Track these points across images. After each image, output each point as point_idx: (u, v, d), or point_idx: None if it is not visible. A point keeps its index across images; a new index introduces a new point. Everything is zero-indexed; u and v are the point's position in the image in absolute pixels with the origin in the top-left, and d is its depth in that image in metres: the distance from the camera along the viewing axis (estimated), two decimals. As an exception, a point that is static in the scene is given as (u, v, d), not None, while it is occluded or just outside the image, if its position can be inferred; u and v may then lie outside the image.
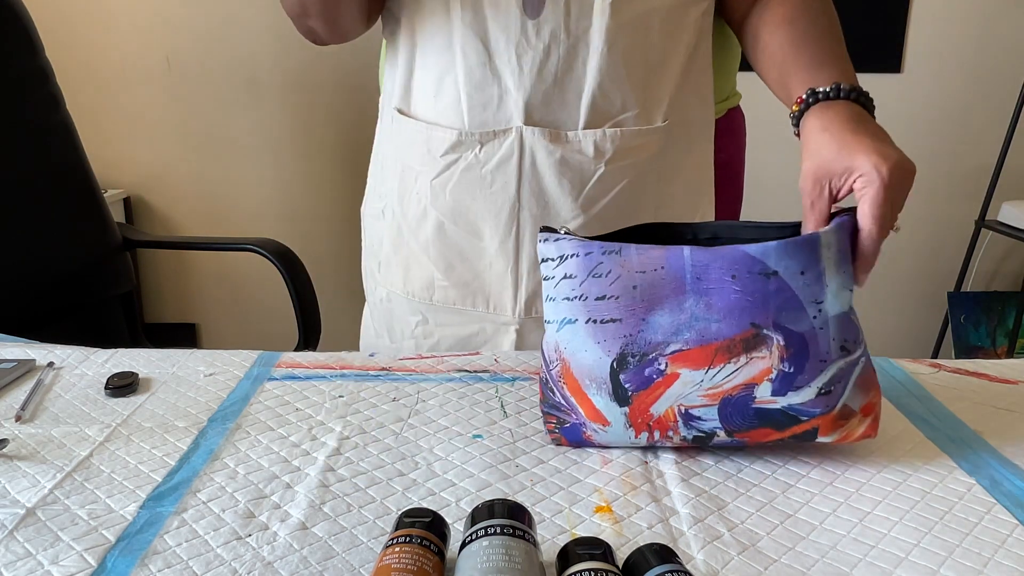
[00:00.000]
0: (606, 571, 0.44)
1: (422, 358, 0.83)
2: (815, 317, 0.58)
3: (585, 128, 0.80)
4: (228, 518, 0.54)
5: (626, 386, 0.60)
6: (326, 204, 2.25)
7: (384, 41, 0.91)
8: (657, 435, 0.61)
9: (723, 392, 0.58)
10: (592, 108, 0.80)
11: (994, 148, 2.14)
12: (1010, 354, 2.23)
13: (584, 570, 0.44)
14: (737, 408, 0.59)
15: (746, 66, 0.90)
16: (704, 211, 0.91)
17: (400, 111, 0.87)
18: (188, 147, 2.20)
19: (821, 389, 0.58)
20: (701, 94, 0.87)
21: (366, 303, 1.01)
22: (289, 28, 0.87)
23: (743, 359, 0.58)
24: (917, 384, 0.77)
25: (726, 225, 0.67)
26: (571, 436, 0.64)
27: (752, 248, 0.57)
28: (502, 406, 0.72)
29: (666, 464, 0.62)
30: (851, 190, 0.63)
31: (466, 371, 0.79)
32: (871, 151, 0.61)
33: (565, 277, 0.61)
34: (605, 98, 0.80)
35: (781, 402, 0.58)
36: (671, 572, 0.44)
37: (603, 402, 0.60)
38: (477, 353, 0.85)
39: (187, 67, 2.13)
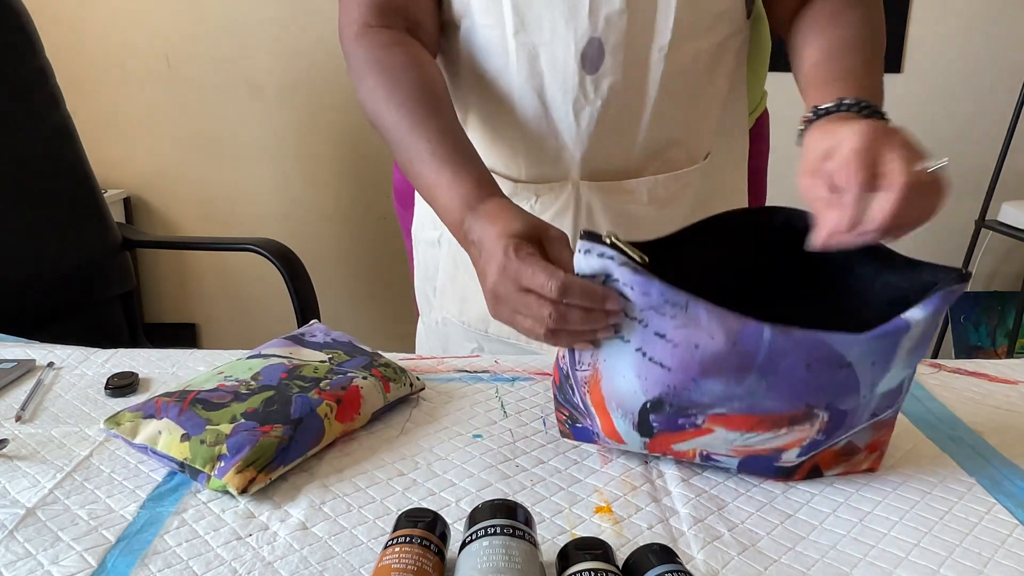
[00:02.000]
0: (606, 571, 0.44)
1: (422, 358, 0.83)
2: (864, 396, 0.55)
3: (640, 176, 0.80)
4: (228, 518, 0.54)
5: (654, 425, 0.56)
6: (326, 204, 2.25)
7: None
8: (670, 457, 0.60)
9: (752, 451, 0.57)
10: (646, 155, 0.80)
11: (994, 148, 2.13)
12: (1010, 354, 2.23)
13: (584, 570, 0.44)
14: (759, 464, 0.58)
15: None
16: None
17: None
18: (188, 147, 2.20)
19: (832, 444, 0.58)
20: (738, 119, 0.87)
21: (420, 319, 1.01)
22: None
23: (784, 431, 0.55)
24: (917, 384, 0.77)
25: (799, 214, 0.60)
26: (580, 436, 0.63)
27: (836, 340, 0.52)
28: (502, 406, 0.72)
29: (666, 464, 0.62)
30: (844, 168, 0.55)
31: (466, 371, 0.79)
32: (849, 125, 0.57)
33: (621, 295, 0.54)
34: (658, 144, 0.80)
35: (798, 460, 0.58)
36: (671, 572, 0.44)
37: (625, 428, 0.58)
38: (477, 356, 0.85)
39: (187, 67, 2.13)
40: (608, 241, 0.54)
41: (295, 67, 2.12)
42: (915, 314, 0.53)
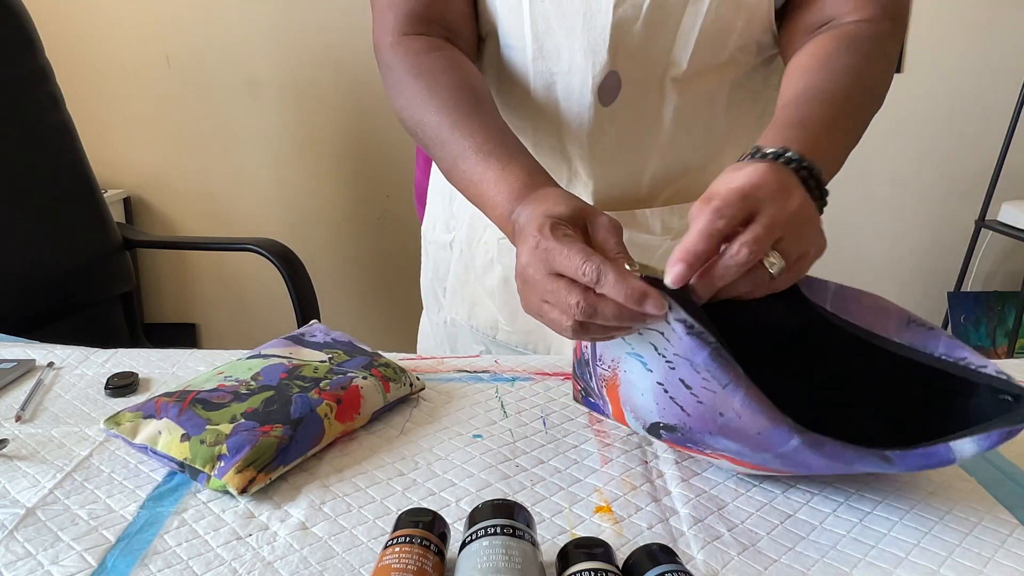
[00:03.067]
0: (606, 571, 0.44)
1: (422, 358, 0.83)
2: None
3: (652, 206, 0.79)
4: (228, 518, 0.54)
5: (663, 435, 0.56)
6: (326, 204, 2.25)
7: None
8: (671, 459, 0.61)
9: (759, 473, 0.58)
10: (659, 186, 0.79)
11: (994, 148, 2.14)
12: (1010, 354, 2.23)
13: (584, 570, 0.44)
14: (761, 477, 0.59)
15: None
16: None
17: None
18: (188, 147, 2.20)
19: None
20: None
21: (424, 314, 1.01)
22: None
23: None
24: (917, 384, 0.77)
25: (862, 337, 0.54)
26: (590, 407, 0.64)
27: (866, 463, 0.49)
28: (502, 406, 0.72)
29: (666, 464, 0.62)
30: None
31: (466, 371, 0.79)
32: (766, 167, 0.52)
33: (686, 328, 0.49)
34: (672, 175, 0.79)
35: None
36: (671, 572, 0.44)
37: (635, 426, 0.58)
38: (477, 356, 0.85)
39: (187, 67, 2.13)
40: (638, 271, 0.48)
41: (295, 67, 2.12)
42: (965, 448, 0.46)
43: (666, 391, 0.52)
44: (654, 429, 0.56)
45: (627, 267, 0.49)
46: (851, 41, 0.68)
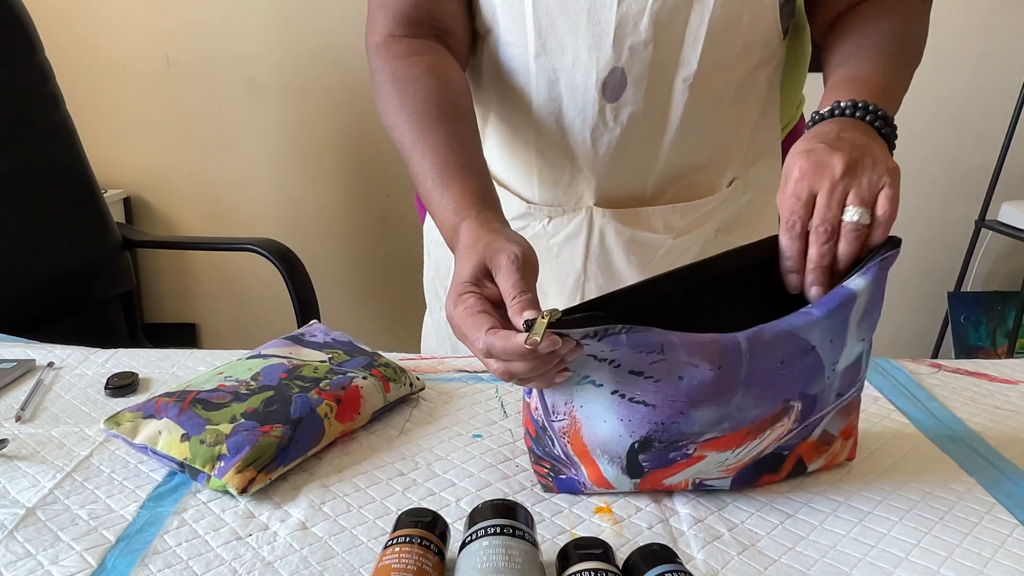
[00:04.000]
0: (606, 571, 0.44)
1: (422, 358, 0.83)
2: (828, 377, 0.55)
3: (655, 204, 0.79)
4: (228, 518, 0.54)
5: (644, 464, 0.54)
6: (326, 204, 2.25)
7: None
8: (662, 494, 0.58)
9: (741, 464, 0.57)
10: (664, 184, 0.79)
11: (994, 148, 2.13)
12: (1010, 354, 2.23)
13: (584, 570, 0.44)
14: (747, 474, 0.58)
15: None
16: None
17: None
18: (188, 147, 2.20)
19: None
20: (770, 145, 0.85)
21: (427, 312, 1.01)
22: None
23: (768, 432, 0.55)
24: (917, 384, 0.77)
25: (700, 265, 0.56)
26: (565, 487, 0.58)
27: (799, 327, 0.52)
28: (502, 406, 0.72)
29: (666, 464, 0.62)
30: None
31: (466, 371, 0.79)
32: (802, 143, 0.57)
33: (593, 336, 0.49)
34: (677, 173, 0.79)
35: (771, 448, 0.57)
36: (671, 572, 0.44)
37: (613, 473, 0.55)
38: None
39: (187, 67, 2.13)
40: (553, 318, 0.48)
41: (295, 67, 2.12)
42: (857, 283, 0.54)
43: (623, 396, 0.52)
44: (633, 463, 0.54)
45: (527, 311, 0.49)
46: (892, 5, 0.73)
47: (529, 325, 0.48)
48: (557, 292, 0.82)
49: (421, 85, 0.69)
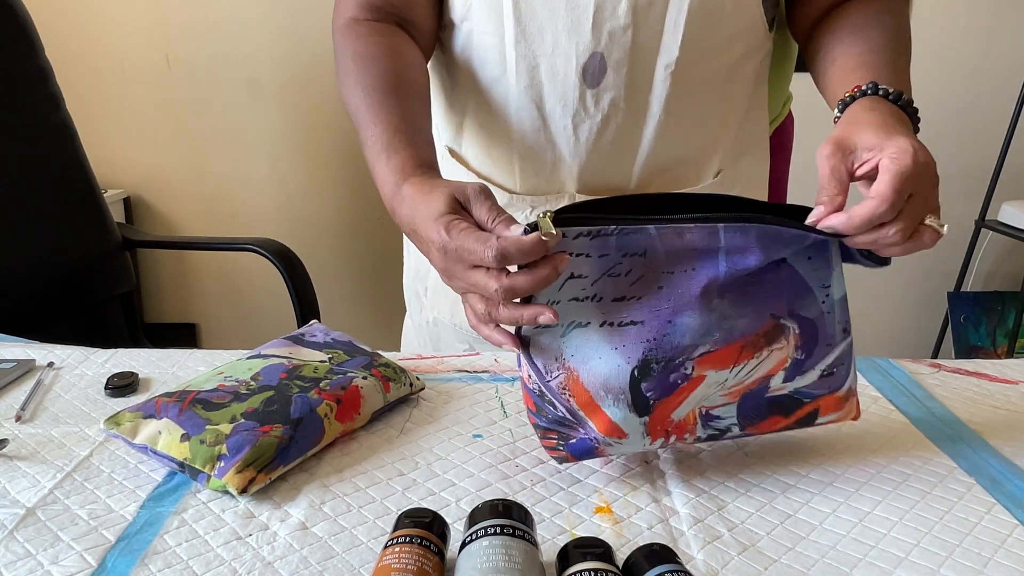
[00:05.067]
0: (606, 571, 0.44)
1: (422, 358, 0.83)
2: (823, 302, 0.57)
3: (638, 192, 0.79)
4: (228, 518, 0.54)
5: (648, 395, 0.55)
6: (326, 204, 2.25)
7: (432, 62, 0.86)
8: (674, 438, 0.58)
9: (744, 388, 0.57)
10: (647, 172, 0.79)
11: (994, 148, 2.13)
12: (1010, 354, 2.23)
13: (584, 570, 0.44)
14: (753, 401, 0.58)
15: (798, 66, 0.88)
16: None
17: (451, 151, 0.85)
18: (188, 147, 2.20)
19: (824, 371, 0.58)
20: (757, 138, 0.85)
21: (407, 315, 1.01)
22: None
23: (764, 352, 0.56)
24: (917, 384, 0.77)
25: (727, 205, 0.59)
26: (579, 451, 0.58)
27: (769, 229, 0.54)
28: (502, 406, 0.72)
29: (666, 464, 0.62)
30: (873, 168, 0.55)
31: (466, 371, 0.79)
32: (909, 138, 0.56)
33: (572, 277, 0.53)
34: (660, 162, 0.79)
35: (789, 387, 0.58)
36: (671, 572, 0.44)
37: (621, 414, 0.55)
38: (477, 354, 0.85)
39: (187, 67, 2.13)
40: (547, 215, 0.52)
41: (295, 66, 2.12)
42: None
43: (612, 323, 0.54)
44: (637, 394, 0.54)
45: (512, 224, 0.53)
46: (879, 3, 0.75)
47: (529, 229, 0.51)
48: None
49: (378, 63, 0.72)
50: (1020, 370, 0.81)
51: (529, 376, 0.57)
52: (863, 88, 0.63)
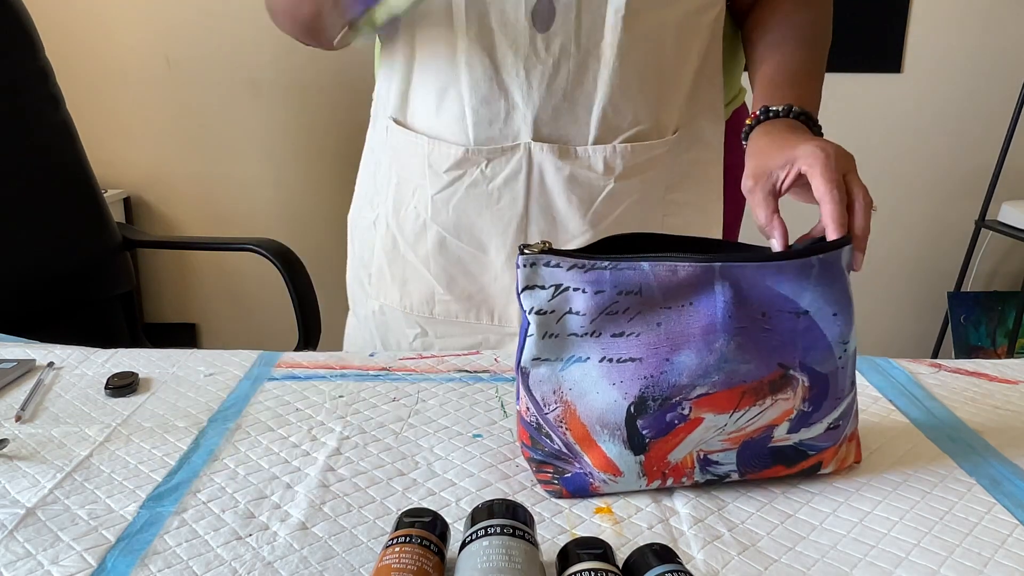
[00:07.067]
0: (606, 571, 0.44)
1: (422, 358, 0.83)
2: (840, 357, 0.55)
3: (595, 143, 0.79)
4: (228, 518, 0.54)
5: (644, 432, 0.54)
6: (326, 204, 2.25)
7: (378, 44, 0.88)
8: (671, 481, 0.57)
9: (744, 435, 0.56)
10: (603, 122, 0.78)
11: (994, 148, 2.14)
12: (1010, 354, 2.23)
13: (584, 570, 0.44)
14: (755, 449, 0.57)
15: None
16: (713, 215, 0.89)
17: (396, 121, 0.85)
18: (188, 147, 2.20)
19: (831, 424, 0.57)
20: (711, 99, 0.86)
21: (350, 312, 0.99)
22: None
23: (768, 401, 0.54)
24: (917, 384, 0.77)
25: (728, 246, 0.62)
26: (574, 487, 0.57)
27: (785, 287, 0.54)
28: (502, 406, 0.72)
29: (666, 464, 0.62)
30: (796, 177, 0.62)
31: (466, 371, 0.79)
32: (808, 142, 0.63)
33: (569, 312, 0.54)
34: (616, 112, 0.78)
35: (794, 439, 0.57)
36: (671, 572, 0.44)
37: (616, 450, 0.55)
38: (477, 353, 0.85)
39: (187, 67, 2.13)
40: (547, 246, 0.54)
41: (295, 67, 2.12)
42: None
43: (611, 359, 0.54)
44: (633, 431, 0.54)
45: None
46: None
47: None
48: (500, 240, 0.82)
49: None
50: (1020, 370, 0.81)
51: (527, 409, 0.57)
52: (758, 116, 0.72)
